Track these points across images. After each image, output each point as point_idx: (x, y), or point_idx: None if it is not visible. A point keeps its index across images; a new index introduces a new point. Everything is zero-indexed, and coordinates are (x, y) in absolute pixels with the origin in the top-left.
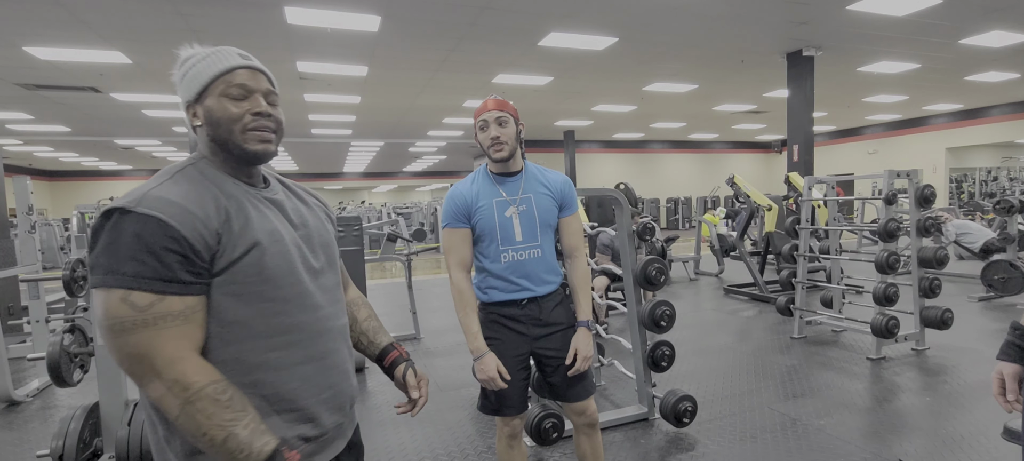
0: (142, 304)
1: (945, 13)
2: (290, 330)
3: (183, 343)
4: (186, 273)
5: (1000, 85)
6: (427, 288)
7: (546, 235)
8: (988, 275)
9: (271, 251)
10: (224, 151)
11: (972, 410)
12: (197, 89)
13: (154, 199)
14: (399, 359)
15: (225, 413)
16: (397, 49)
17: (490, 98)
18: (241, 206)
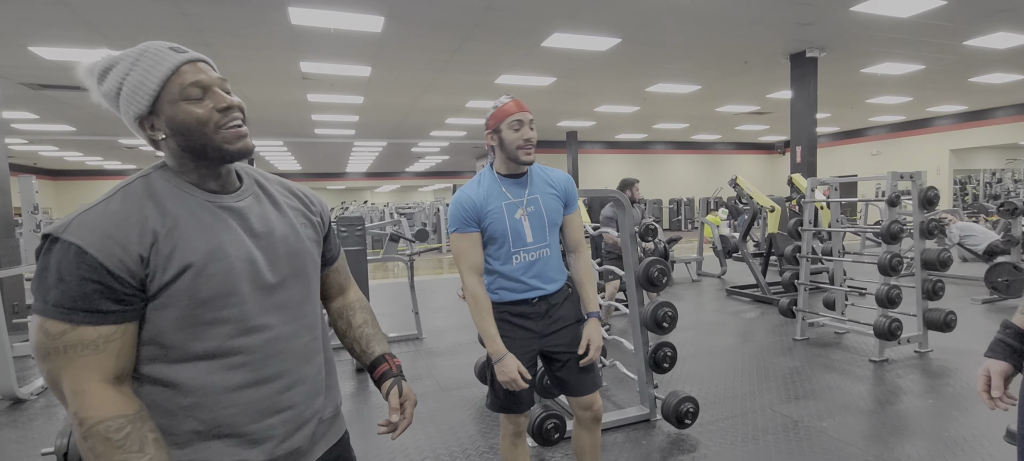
0: (54, 332)
1: (950, 14)
2: (229, 353)
3: (89, 373)
4: (106, 302)
5: (1005, 87)
6: (429, 288)
7: (553, 234)
8: (992, 277)
9: (207, 272)
10: (199, 158)
11: (975, 413)
12: (148, 100)
13: (77, 226)
14: (387, 374)
15: (115, 454)
16: (400, 49)
17: (515, 100)
18: (177, 225)
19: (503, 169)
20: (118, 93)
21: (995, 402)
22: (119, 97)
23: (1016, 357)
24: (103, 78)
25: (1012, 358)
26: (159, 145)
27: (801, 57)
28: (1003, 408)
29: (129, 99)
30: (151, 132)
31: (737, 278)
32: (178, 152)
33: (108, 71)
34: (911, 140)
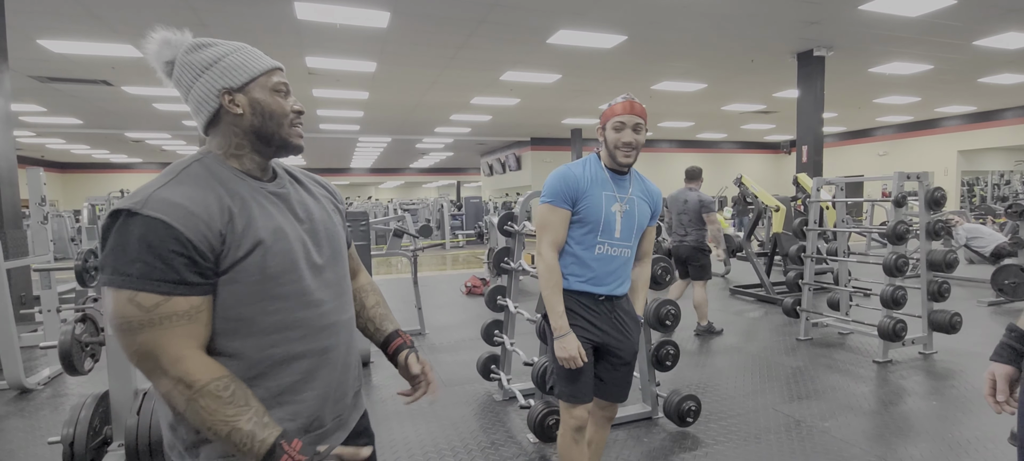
0: (148, 305)
1: (959, 14)
2: (291, 326)
3: (187, 341)
4: (191, 274)
5: (1015, 87)
6: (433, 284)
7: (636, 238)
8: (998, 280)
9: (273, 249)
10: (264, 142)
11: (979, 415)
12: (245, 78)
13: (158, 201)
14: (402, 346)
15: (227, 409)
16: (406, 45)
17: (628, 100)
18: (245, 204)
19: (608, 163)
20: (212, 64)
21: (1001, 406)
22: (212, 67)
23: (1022, 361)
24: (199, 49)
25: (1017, 362)
26: (219, 121)
27: (808, 56)
28: (1009, 412)
29: (225, 72)
30: (230, 104)
31: (741, 277)
32: (247, 131)
33: (206, 46)
34: (919, 141)
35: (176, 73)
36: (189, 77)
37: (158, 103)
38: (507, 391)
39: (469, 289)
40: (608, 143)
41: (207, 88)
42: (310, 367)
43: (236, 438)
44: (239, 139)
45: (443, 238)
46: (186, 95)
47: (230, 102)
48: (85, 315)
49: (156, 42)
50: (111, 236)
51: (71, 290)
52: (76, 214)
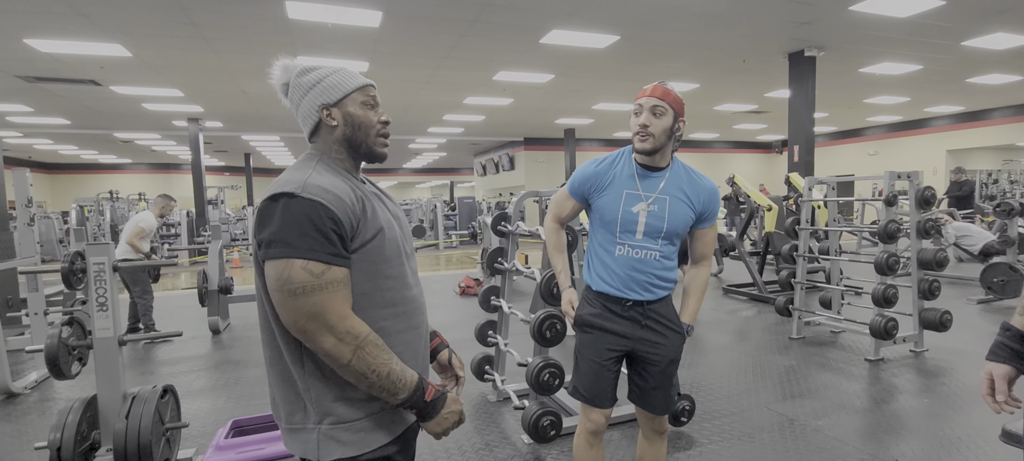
0: (317, 271)
1: (948, 14)
2: (398, 303)
3: (347, 304)
4: (343, 249)
5: (1003, 88)
6: (426, 285)
7: (669, 241)
8: (987, 278)
9: (388, 236)
10: (353, 150)
11: (970, 412)
12: (339, 95)
13: (315, 187)
14: (442, 345)
15: (383, 354)
16: (398, 45)
17: (656, 84)
18: (367, 197)
19: (639, 158)
20: (315, 84)
21: (1000, 406)
22: (316, 87)
23: (1018, 359)
24: (306, 73)
25: (1014, 360)
26: (319, 131)
27: (800, 56)
28: (1009, 411)
29: (326, 90)
30: (327, 118)
31: (734, 277)
32: (340, 140)
33: (312, 70)
34: (908, 140)
35: (290, 93)
36: (298, 96)
37: (148, 103)
38: (501, 392)
39: (463, 289)
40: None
41: (311, 104)
42: (410, 340)
43: (393, 376)
44: (336, 146)
45: (436, 238)
46: (297, 110)
47: (327, 116)
48: (72, 318)
49: (278, 69)
50: (276, 215)
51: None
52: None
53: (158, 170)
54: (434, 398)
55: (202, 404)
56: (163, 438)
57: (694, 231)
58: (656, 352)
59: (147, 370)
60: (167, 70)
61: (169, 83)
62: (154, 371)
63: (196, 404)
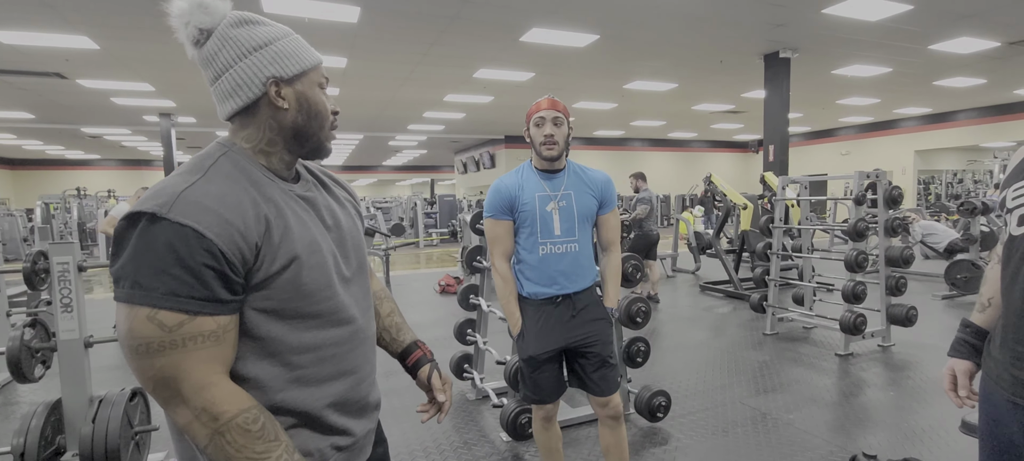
0: (170, 324)
1: (916, 19)
2: (322, 345)
3: (213, 366)
4: (222, 290)
5: (967, 90)
6: (406, 283)
7: (584, 231)
8: (952, 274)
9: (309, 264)
10: (298, 143)
11: (933, 404)
12: (297, 69)
13: (188, 204)
14: (423, 359)
15: (257, 445)
16: (377, 41)
17: (545, 97)
18: (280, 212)
19: (538, 164)
20: (263, 46)
21: (962, 400)
22: (261, 50)
23: (978, 355)
24: (247, 25)
25: (974, 356)
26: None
27: (775, 57)
28: (970, 405)
29: (279, 57)
30: (275, 96)
31: (711, 274)
32: (286, 128)
33: (255, 23)
34: (878, 140)
35: (211, 45)
36: (230, 54)
37: (117, 97)
38: (480, 390)
39: (442, 288)
40: (533, 141)
41: (252, 72)
42: (342, 388)
43: None
44: (274, 135)
45: (417, 236)
46: (219, 73)
47: (276, 93)
48: (35, 320)
49: (188, 1)
50: (129, 243)
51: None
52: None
53: (128, 166)
54: None
55: None
56: (132, 442)
57: (598, 218)
58: (589, 340)
59: (119, 372)
60: (137, 63)
61: (139, 77)
62: (128, 373)
63: None
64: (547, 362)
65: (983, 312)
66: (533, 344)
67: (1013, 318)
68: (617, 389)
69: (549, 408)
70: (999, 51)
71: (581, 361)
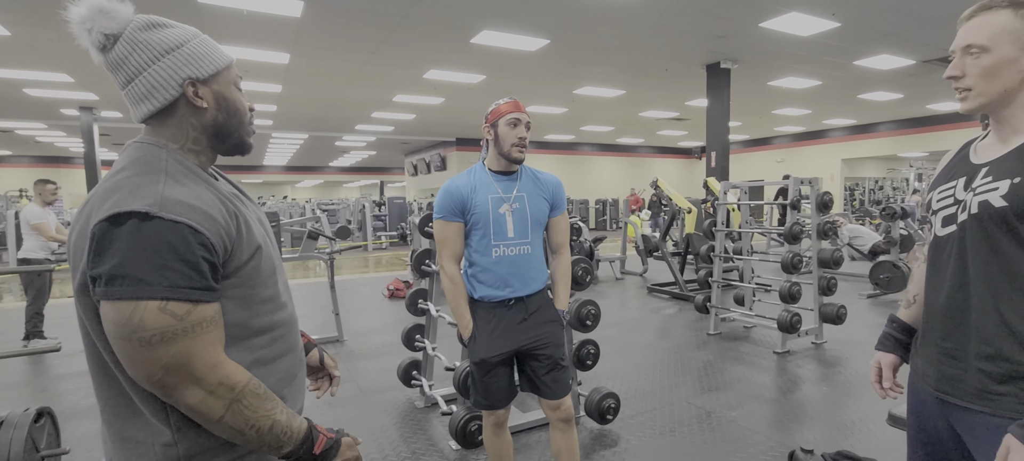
0: (181, 313)
1: (843, 36)
2: (275, 326)
3: (218, 347)
4: (214, 279)
5: (887, 104)
6: (353, 287)
7: (536, 233)
8: (876, 274)
9: (264, 252)
10: (219, 140)
11: (862, 398)
12: (213, 69)
13: (176, 204)
14: (309, 345)
15: (266, 404)
16: (322, 37)
17: (512, 100)
18: (238, 207)
19: (494, 165)
20: (175, 48)
21: (886, 392)
22: (175, 52)
23: (902, 349)
24: (157, 28)
25: (899, 350)
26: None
27: (716, 68)
28: (893, 397)
29: (192, 59)
30: (193, 96)
31: (657, 276)
32: (207, 127)
33: (164, 26)
34: (809, 149)
35: (120, 50)
36: (143, 58)
37: (31, 88)
38: (429, 398)
39: (391, 292)
40: (502, 141)
41: (167, 75)
42: (288, 364)
43: (277, 429)
44: (198, 134)
45: (365, 239)
46: (132, 76)
47: (194, 94)
48: None
49: (88, 7)
50: (120, 242)
51: None
52: None
53: (43, 164)
54: (326, 447)
55: (89, 426)
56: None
57: (549, 221)
58: (541, 343)
59: (23, 390)
60: (54, 52)
61: (56, 67)
62: (45, 389)
63: (83, 426)
64: (499, 366)
65: (909, 308)
66: (485, 347)
67: (938, 316)
68: (569, 392)
69: (500, 414)
70: (914, 68)
71: (533, 364)
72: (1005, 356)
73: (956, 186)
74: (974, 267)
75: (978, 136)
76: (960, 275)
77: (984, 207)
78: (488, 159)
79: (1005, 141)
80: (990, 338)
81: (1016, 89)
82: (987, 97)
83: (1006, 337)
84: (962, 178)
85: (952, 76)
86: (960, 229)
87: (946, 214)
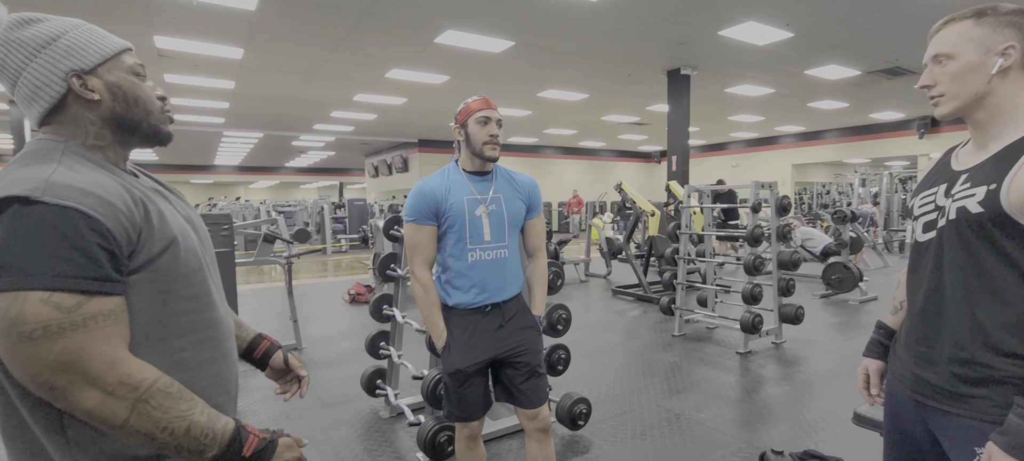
0: (69, 305)
1: (795, 46)
2: (200, 327)
3: (119, 343)
4: (114, 270)
5: (835, 112)
6: (311, 293)
7: (513, 237)
8: (827, 275)
9: (184, 247)
10: (126, 132)
11: (822, 396)
12: (97, 58)
13: (65, 187)
14: (272, 347)
15: (180, 404)
16: (279, 32)
17: (481, 97)
18: (149, 198)
19: (468, 166)
20: (50, 42)
21: (874, 398)
22: (50, 46)
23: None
24: (28, 25)
25: (885, 356)
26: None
27: (677, 74)
28: (880, 402)
29: (70, 51)
30: (81, 89)
31: (621, 278)
32: (107, 119)
33: (37, 21)
34: (762, 154)
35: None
36: (18, 58)
37: None
38: (394, 407)
39: (353, 297)
40: (473, 140)
41: (47, 71)
42: (219, 371)
43: (195, 431)
44: (99, 128)
45: (323, 243)
46: (14, 78)
47: (82, 87)
48: None
49: None
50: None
51: None
52: None
53: None
54: (258, 449)
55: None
56: None
57: (525, 224)
58: (518, 350)
59: None
60: None
61: None
62: None
63: None
64: (474, 375)
65: (895, 314)
66: (460, 357)
67: (916, 319)
68: (546, 400)
69: (474, 426)
70: (859, 79)
71: (509, 372)
72: (979, 360)
73: (937, 192)
74: (951, 272)
75: (960, 143)
76: (937, 280)
77: (962, 213)
78: (461, 160)
79: (984, 147)
80: (964, 342)
81: (985, 92)
82: (958, 101)
83: (980, 342)
84: (943, 185)
85: (925, 85)
86: (939, 235)
87: (927, 220)
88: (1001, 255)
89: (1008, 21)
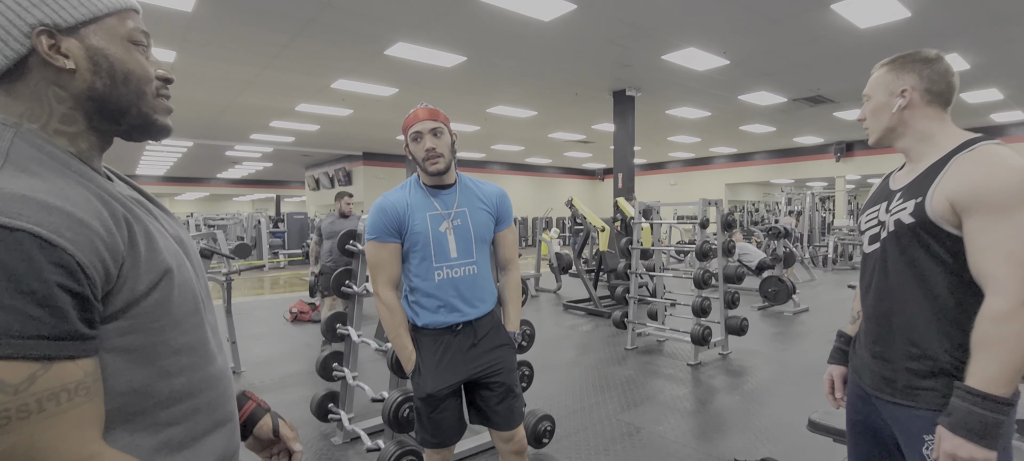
0: (16, 381)
1: (730, 73)
2: (197, 391)
3: (89, 432)
4: (81, 322)
5: (763, 136)
6: (248, 311)
7: (482, 251)
8: (764, 288)
9: (178, 281)
10: (107, 118)
11: (770, 404)
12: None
13: (15, 199)
14: (259, 410)
15: None
16: (216, 35)
17: (421, 107)
18: (132, 212)
19: (426, 180)
20: None
21: (838, 402)
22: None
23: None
24: None
25: (845, 361)
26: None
27: (622, 94)
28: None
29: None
30: (50, 51)
31: (572, 293)
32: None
33: None
34: (698, 174)
35: None
36: None
37: None
38: (349, 433)
39: (295, 315)
40: (416, 158)
41: (5, 18)
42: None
43: None
44: (68, 109)
45: (261, 258)
46: None
47: (52, 48)
48: None
49: None
50: None
51: None
52: None
53: None
54: None
55: None
56: None
57: (495, 236)
58: (492, 369)
59: None
60: None
61: None
62: None
63: None
64: (447, 398)
65: (854, 323)
66: (431, 380)
67: (870, 322)
68: (522, 421)
69: (446, 453)
70: (785, 106)
71: (484, 393)
72: (927, 355)
73: (879, 209)
74: (894, 277)
75: (897, 167)
76: (884, 284)
77: (898, 224)
78: (419, 173)
79: (912, 170)
80: (913, 340)
81: (895, 124)
82: (877, 132)
83: (925, 338)
84: (884, 202)
85: (860, 119)
86: (882, 245)
87: (872, 234)
88: (933, 256)
89: (911, 67)
